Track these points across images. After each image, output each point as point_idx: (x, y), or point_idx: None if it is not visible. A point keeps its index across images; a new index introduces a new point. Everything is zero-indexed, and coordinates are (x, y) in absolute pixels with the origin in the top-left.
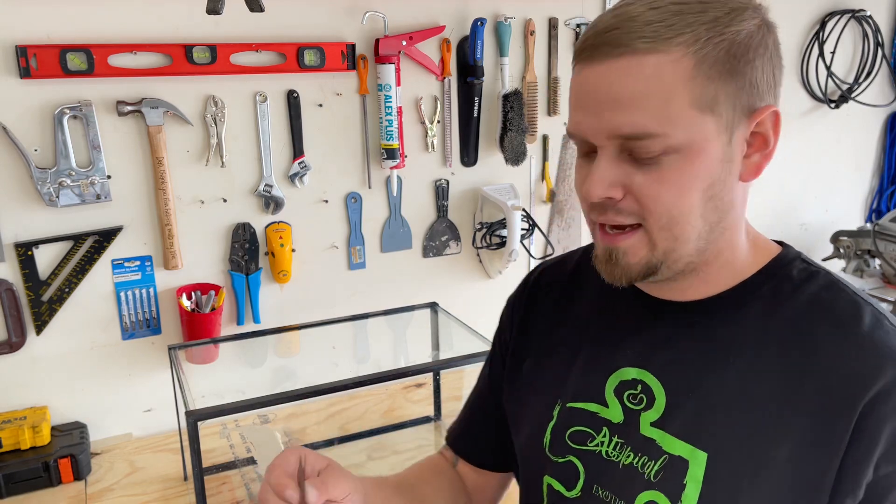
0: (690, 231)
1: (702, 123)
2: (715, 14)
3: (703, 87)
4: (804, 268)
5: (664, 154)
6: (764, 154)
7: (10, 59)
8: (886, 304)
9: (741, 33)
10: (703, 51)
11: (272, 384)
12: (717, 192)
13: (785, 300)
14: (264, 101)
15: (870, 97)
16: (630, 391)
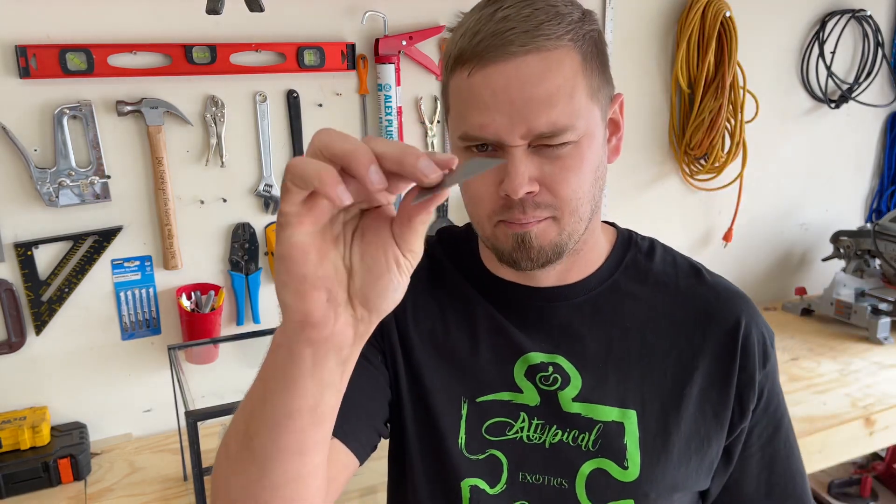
0: (584, 211)
1: (593, 112)
2: (577, 15)
3: (590, 78)
4: (639, 237)
5: (566, 145)
6: (618, 137)
7: (10, 59)
8: (886, 304)
9: (595, 31)
10: (584, 46)
11: None
12: (601, 173)
13: (646, 267)
14: (264, 101)
15: (870, 97)
16: (541, 374)
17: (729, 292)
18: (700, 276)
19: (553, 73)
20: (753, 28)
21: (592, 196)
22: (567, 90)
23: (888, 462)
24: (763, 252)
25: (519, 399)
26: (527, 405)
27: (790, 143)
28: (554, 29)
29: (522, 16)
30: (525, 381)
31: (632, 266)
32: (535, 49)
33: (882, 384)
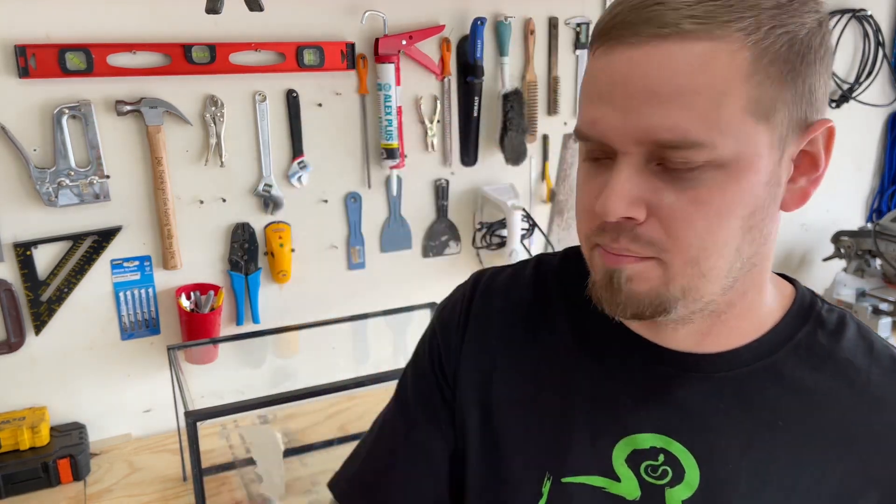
0: (722, 266)
1: (755, 134)
2: (789, 4)
3: (761, 89)
4: (825, 307)
5: (704, 169)
6: (811, 179)
7: (9, 58)
8: (886, 305)
9: (804, 28)
10: (764, 43)
11: (272, 384)
12: (759, 220)
13: (827, 349)
14: (263, 101)
15: (870, 97)
16: (649, 462)
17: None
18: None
19: (695, 68)
20: None
21: (738, 248)
22: (711, 94)
23: None
24: None
25: (615, 489)
26: (623, 498)
27: None
28: (717, 12)
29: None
30: (625, 468)
31: (806, 345)
32: (678, 34)
33: None
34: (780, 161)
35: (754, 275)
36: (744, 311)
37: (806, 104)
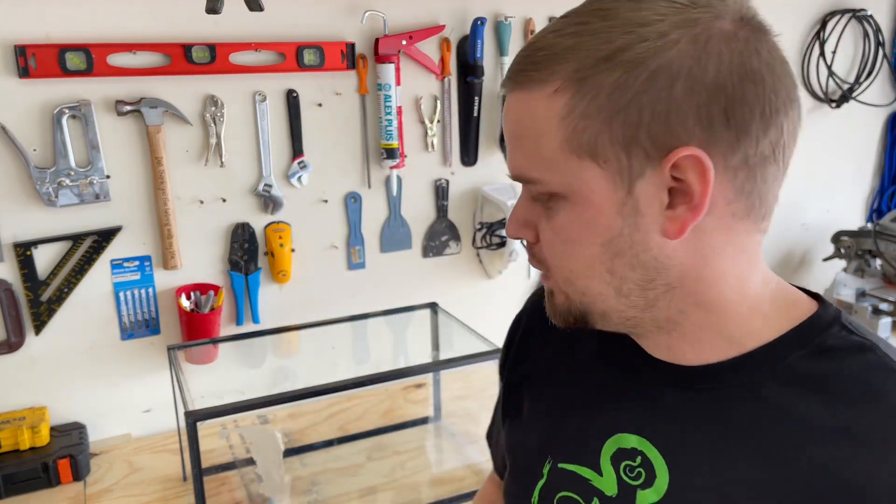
0: (600, 287)
1: (580, 170)
2: (618, 36)
3: (578, 127)
4: (846, 335)
5: (555, 200)
6: (690, 208)
7: (9, 58)
8: (886, 305)
9: (651, 57)
10: (585, 82)
11: (272, 384)
12: (626, 247)
13: (816, 376)
14: (263, 101)
15: (871, 97)
16: (628, 462)
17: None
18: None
19: (521, 115)
20: None
21: (611, 271)
22: (532, 135)
23: None
24: (763, 252)
25: (597, 482)
26: (602, 492)
27: None
28: (545, 61)
29: (545, 39)
30: (608, 465)
31: (796, 370)
32: (520, 84)
33: None
34: (632, 192)
35: (683, 297)
36: (702, 330)
37: (653, 136)
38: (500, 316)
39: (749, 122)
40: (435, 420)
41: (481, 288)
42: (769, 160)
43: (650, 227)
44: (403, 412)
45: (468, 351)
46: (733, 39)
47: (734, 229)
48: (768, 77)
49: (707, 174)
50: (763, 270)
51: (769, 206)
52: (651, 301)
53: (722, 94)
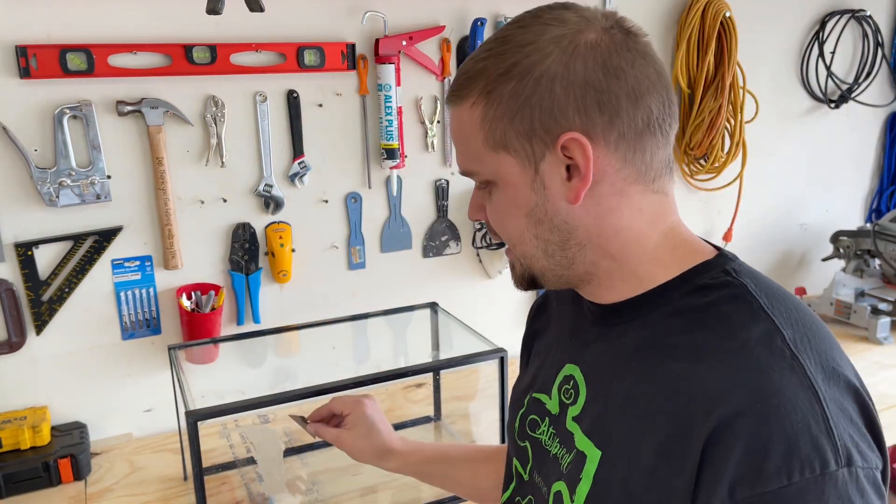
0: (532, 250)
1: (498, 159)
2: (511, 56)
3: (491, 128)
4: (721, 277)
5: (489, 186)
6: (580, 178)
7: (10, 59)
8: (885, 304)
9: (534, 68)
10: (491, 95)
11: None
12: (542, 215)
13: (689, 307)
14: (264, 101)
15: (870, 97)
16: (566, 386)
17: (754, 380)
18: (745, 342)
19: (456, 123)
20: (753, 28)
21: (537, 236)
22: (465, 139)
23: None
24: (763, 252)
25: (548, 405)
26: (550, 412)
27: (790, 143)
28: (467, 83)
29: (466, 66)
30: (556, 390)
31: (677, 303)
32: (452, 101)
33: (881, 384)
34: (538, 171)
35: (593, 251)
36: (612, 276)
37: (545, 127)
38: (500, 316)
39: (618, 107)
40: (435, 419)
41: (481, 288)
42: (645, 133)
43: (556, 196)
44: (404, 412)
45: (468, 351)
46: (595, 46)
47: (627, 192)
48: (629, 70)
49: (587, 150)
50: (669, 226)
51: (657, 170)
52: (570, 259)
53: (591, 89)
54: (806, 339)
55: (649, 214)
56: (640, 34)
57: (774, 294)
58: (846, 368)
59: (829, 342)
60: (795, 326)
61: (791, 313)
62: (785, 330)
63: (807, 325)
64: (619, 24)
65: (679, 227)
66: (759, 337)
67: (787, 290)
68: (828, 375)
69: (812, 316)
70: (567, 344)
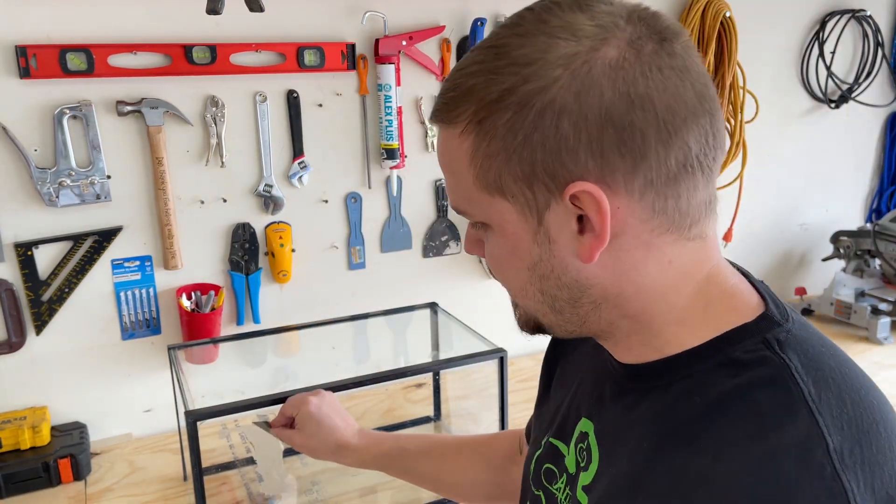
0: (537, 305)
1: (493, 204)
2: (507, 77)
3: (483, 166)
4: (760, 350)
5: (484, 227)
6: (594, 235)
7: (10, 59)
8: (885, 304)
9: (534, 98)
10: (483, 124)
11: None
12: (548, 271)
13: (713, 388)
14: (264, 101)
15: (870, 97)
16: (580, 445)
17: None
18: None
19: (443, 151)
20: (753, 28)
21: (543, 291)
22: (453, 172)
23: None
24: (763, 252)
25: (566, 460)
26: (567, 469)
27: (790, 143)
28: (454, 103)
29: (454, 78)
30: (573, 444)
31: (699, 377)
32: (441, 120)
33: (882, 384)
34: (542, 222)
35: (609, 311)
36: (631, 338)
37: (548, 172)
38: (500, 316)
39: (645, 147)
40: (435, 419)
41: (481, 288)
42: (680, 176)
43: (565, 252)
44: (404, 412)
45: (468, 351)
46: (617, 68)
47: (654, 245)
48: (659, 98)
49: (602, 205)
50: (705, 275)
51: (693, 215)
52: (583, 317)
53: (609, 125)
54: (858, 450)
55: (681, 266)
56: (677, 37)
57: (827, 377)
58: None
59: (893, 454)
60: (848, 429)
61: (846, 408)
62: (831, 436)
63: (865, 427)
64: (650, 28)
65: (718, 276)
66: (795, 442)
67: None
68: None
69: (878, 411)
70: (589, 390)
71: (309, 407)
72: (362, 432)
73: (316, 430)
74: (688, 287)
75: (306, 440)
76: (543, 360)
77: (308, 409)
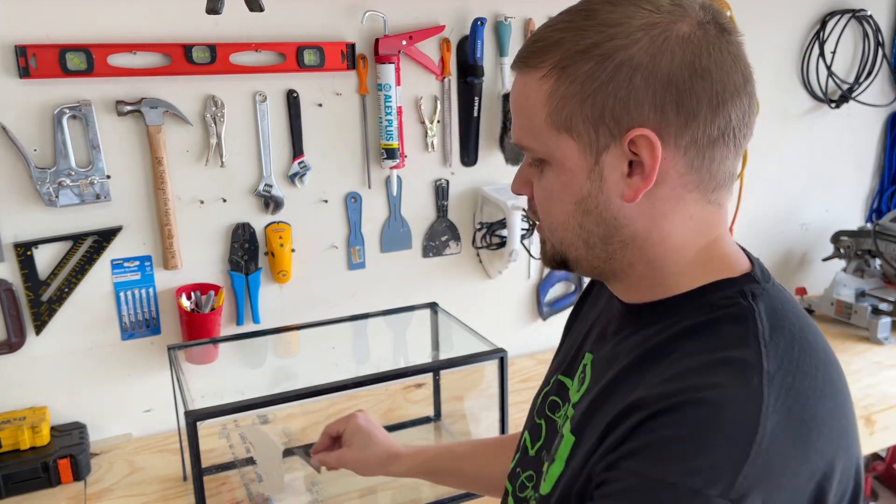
0: (572, 238)
1: (559, 141)
2: (594, 34)
3: (558, 106)
4: (735, 297)
5: (543, 164)
6: (642, 177)
7: (10, 59)
8: (886, 304)
9: (616, 53)
10: (566, 70)
11: (272, 384)
12: (593, 207)
13: (693, 320)
14: (264, 101)
15: (870, 97)
16: (581, 375)
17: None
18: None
19: (520, 94)
20: (753, 28)
21: (581, 226)
22: (527, 112)
23: (888, 462)
24: (763, 252)
25: (570, 389)
26: (570, 398)
27: (790, 143)
28: (538, 50)
29: (543, 31)
30: (577, 376)
31: (683, 316)
32: (519, 68)
33: (882, 384)
34: (598, 161)
35: (634, 252)
36: (643, 280)
37: (615, 117)
38: (500, 316)
39: (697, 110)
40: (435, 420)
41: (481, 288)
42: (718, 142)
43: (612, 191)
44: (404, 412)
45: (468, 351)
46: (687, 41)
47: (684, 199)
48: (716, 72)
49: (656, 150)
50: (714, 238)
51: (719, 180)
52: (610, 254)
53: (673, 86)
54: (790, 380)
55: (699, 224)
56: (735, 32)
57: (785, 326)
58: (832, 445)
59: (828, 403)
60: (788, 364)
61: (793, 351)
62: (769, 363)
63: (804, 368)
64: (716, 19)
65: (722, 240)
66: (738, 359)
67: (788, 289)
68: (791, 426)
69: (824, 364)
70: (597, 332)
71: (357, 421)
72: (405, 444)
73: (367, 441)
74: (698, 244)
75: (357, 453)
76: (567, 320)
77: (357, 422)
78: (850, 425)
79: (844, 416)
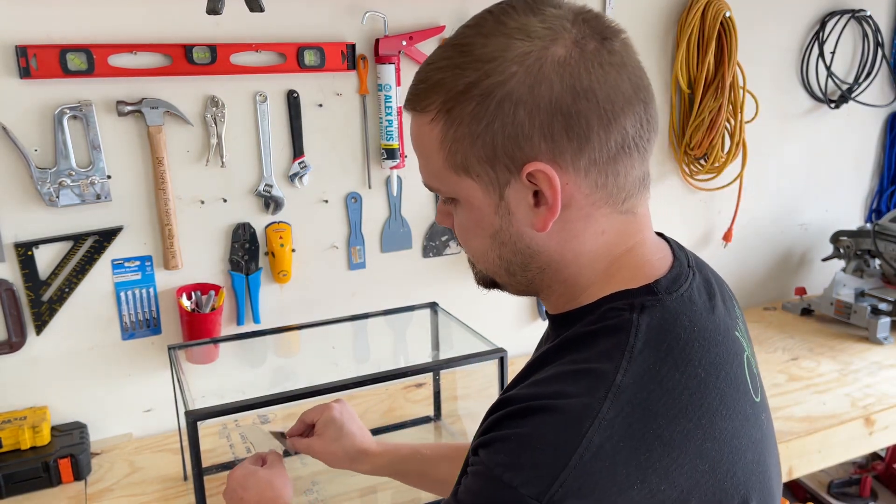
0: (495, 267)
1: (461, 182)
2: (471, 72)
3: (452, 150)
4: (624, 310)
5: (453, 202)
6: (548, 207)
7: (10, 59)
8: (885, 304)
9: (495, 89)
10: (451, 113)
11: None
12: (507, 239)
13: (582, 330)
14: (264, 101)
15: (870, 97)
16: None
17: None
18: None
19: (417, 136)
20: (753, 28)
21: (500, 257)
22: (425, 154)
23: (888, 462)
24: (763, 252)
25: None
26: None
27: (790, 143)
28: (425, 94)
29: (425, 71)
30: None
31: (580, 324)
32: (413, 109)
33: (882, 384)
34: (503, 197)
35: (551, 275)
36: (560, 297)
37: (508, 154)
38: (500, 316)
39: (588, 132)
40: (435, 419)
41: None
42: (619, 155)
43: (522, 222)
44: (404, 412)
45: (468, 351)
46: (564, 65)
47: (593, 216)
48: (601, 90)
49: (554, 181)
50: (628, 248)
51: (629, 190)
52: (530, 279)
53: (559, 114)
54: (643, 395)
55: (612, 237)
56: (616, 36)
57: (663, 341)
58: (684, 468)
59: (685, 424)
60: (646, 378)
61: (661, 367)
62: (624, 377)
63: (667, 385)
64: (593, 29)
65: (638, 249)
66: (594, 372)
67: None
68: (626, 443)
69: (696, 395)
70: (542, 339)
71: (332, 412)
72: (379, 441)
73: (338, 434)
74: (610, 257)
75: (327, 445)
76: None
77: (331, 413)
78: (725, 450)
79: (712, 439)
